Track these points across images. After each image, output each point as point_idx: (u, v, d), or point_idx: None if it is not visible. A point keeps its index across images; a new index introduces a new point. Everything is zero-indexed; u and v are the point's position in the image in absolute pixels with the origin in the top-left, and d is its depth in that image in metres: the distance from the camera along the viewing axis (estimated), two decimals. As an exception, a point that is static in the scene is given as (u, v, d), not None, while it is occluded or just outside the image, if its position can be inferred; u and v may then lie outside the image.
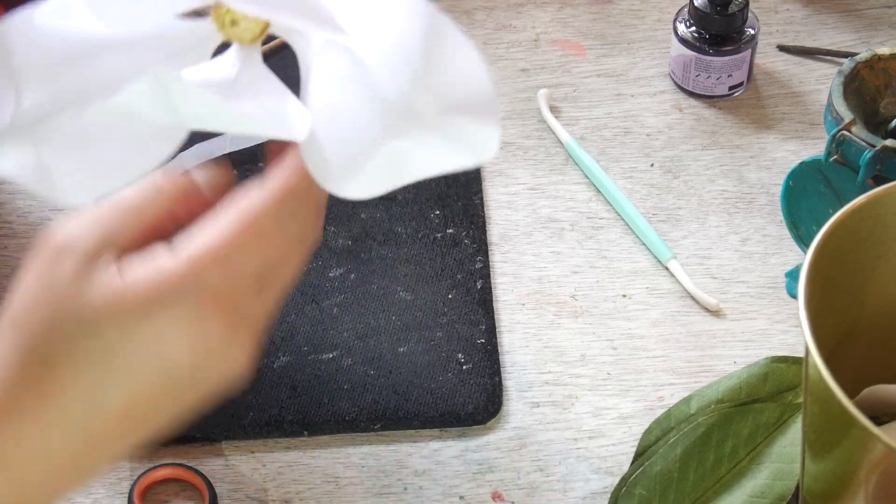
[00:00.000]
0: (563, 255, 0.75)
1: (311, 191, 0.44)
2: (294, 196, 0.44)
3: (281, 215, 0.44)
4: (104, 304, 0.42)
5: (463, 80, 0.44)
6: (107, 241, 0.44)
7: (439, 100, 0.44)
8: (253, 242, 0.43)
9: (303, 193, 0.44)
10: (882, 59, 0.67)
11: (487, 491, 0.65)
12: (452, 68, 0.44)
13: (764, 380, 0.65)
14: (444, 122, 0.44)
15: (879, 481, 0.49)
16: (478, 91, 0.44)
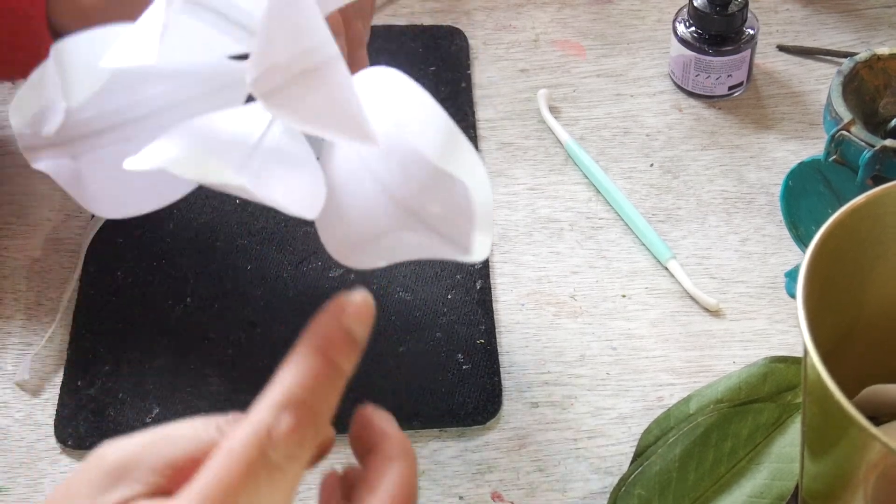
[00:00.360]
0: (563, 256, 0.75)
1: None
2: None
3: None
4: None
5: (467, 193, 0.47)
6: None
7: (444, 208, 0.47)
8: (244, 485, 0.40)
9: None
10: (881, 59, 0.67)
11: (487, 491, 0.65)
12: (460, 181, 0.47)
13: (763, 380, 0.65)
14: (445, 226, 0.47)
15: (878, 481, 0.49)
16: (479, 204, 0.47)
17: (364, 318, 0.43)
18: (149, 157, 0.46)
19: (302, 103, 0.45)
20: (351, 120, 0.45)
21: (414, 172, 0.48)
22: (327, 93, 0.46)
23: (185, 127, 0.49)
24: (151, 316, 0.72)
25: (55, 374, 0.70)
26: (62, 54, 0.50)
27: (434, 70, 0.85)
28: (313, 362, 0.42)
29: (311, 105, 0.45)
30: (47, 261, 0.75)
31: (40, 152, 0.52)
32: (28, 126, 0.51)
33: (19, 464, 0.66)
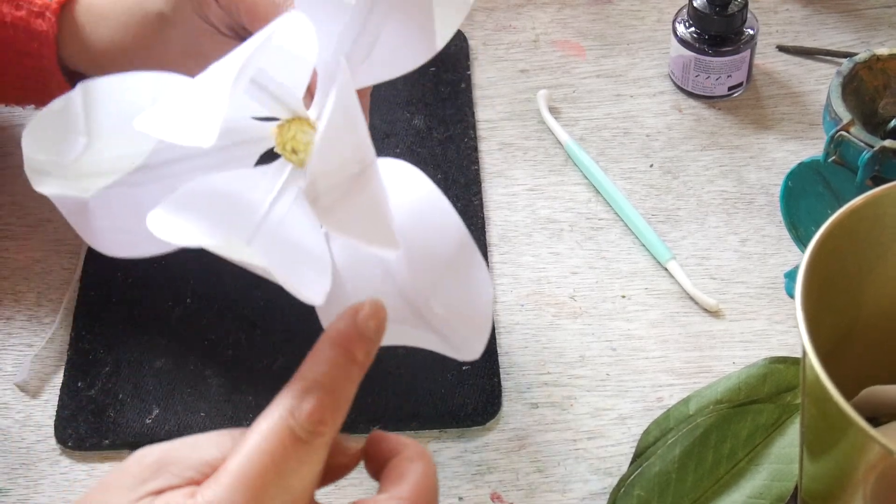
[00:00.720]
0: (563, 256, 0.75)
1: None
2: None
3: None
4: None
5: (471, 301, 0.50)
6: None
7: (448, 311, 0.50)
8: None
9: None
10: (881, 59, 0.67)
11: (486, 492, 0.65)
12: (466, 290, 0.50)
13: (763, 380, 0.65)
14: (446, 328, 0.50)
15: (877, 482, 0.49)
16: (480, 313, 0.50)
17: (376, 317, 0.47)
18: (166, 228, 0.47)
19: (345, 212, 0.46)
20: (382, 228, 0.47)
21: (424, 273, 0.50)
22: (366, 200, 0.47)
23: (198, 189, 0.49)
24: (151, 317, 0.72)
25: (55, 375, 0.70)
26: (91, 93, 0.51)
27: (434, 70, 0.85)
28: (330, 352, 0.46)
29: (352, 214, 0.47)
30: (48, 262, 0.75)
31: (48, 178, 0.53)
32: (40, 151, 0.52)
33: (19, 465, 0.66)
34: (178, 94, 0.47)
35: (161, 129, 0.46)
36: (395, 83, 0.84)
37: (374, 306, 0.47)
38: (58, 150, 0.52)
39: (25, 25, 0.67)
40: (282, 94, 0.50)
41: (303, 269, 0.49)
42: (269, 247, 0.49)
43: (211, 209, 0.49)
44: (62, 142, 0.51)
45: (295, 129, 0.50)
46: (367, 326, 0.46)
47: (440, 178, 0.78)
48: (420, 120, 0.82)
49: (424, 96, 0.83)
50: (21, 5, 0.67)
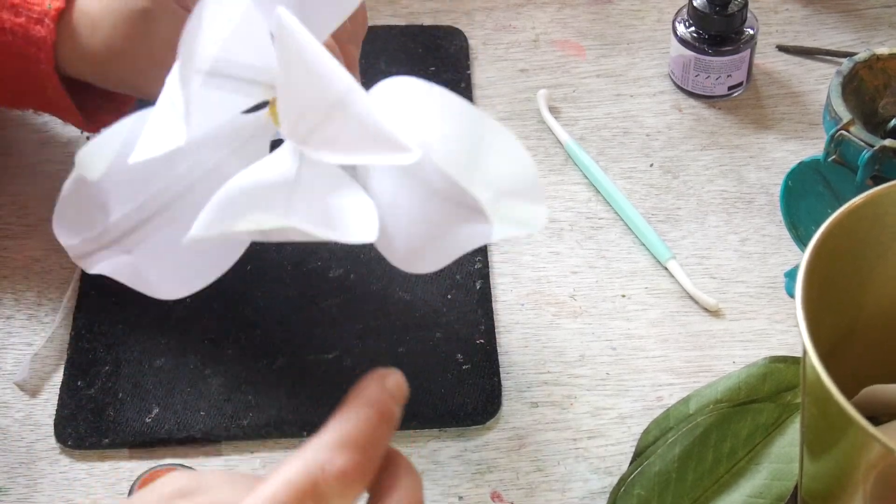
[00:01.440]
0: (563, 256, 0.75)
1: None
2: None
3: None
4: None
5: (510, 170, 0.48)
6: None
7: (490, 190, 0.48)
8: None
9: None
10: (881, 59, 0.67)
11: (486, 491, 0.65)
12: (500, 161, 0.48)
13: (763, 380, 0.65)
14: (496, 207, 0.48)
15: (877, 481, 0.49)
16: (524, 177, 0.48)
17: (402, 388, 0.45)
18: (203, 227, 0.47)
19: (337, 138, 0.46)
20: (385, 139, 0.46)
21: (452, 167, 0.48)
22: (356, 121, 0.46)
23: (225, 190, 0.49)
24: (151, 316, 0.72)
25: (55, 374, 0.70)
26: (86, 160, 0.51)
27: (434, 70, 0.85)
28: (365, 412, 0.44)
29: (346, 137, 0.46)
30: (47, 261, 0.75)
31: (93, 257, 0.53)
32: (74, 237, 0.53)
33: (19, 464, 0.66)
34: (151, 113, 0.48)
35: (142, 151, 0.46)
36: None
37: (399, 376, 0.46)
38: (88, 225, 0.53)
39: (24, 32, 0.68)
40: (255, 75, 0.50)
41: (346, 215, 0.49)
42: (306, 211, 0.49)
43: (241, 203, 0.49)
44: (88, 216, 0.52)
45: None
46: (396, 392, 0.45)
47: (440, 177, 0.78)
48: (420, 119, 0.82)
49: (424, 96, 0.83)
50: (20, 12, 0.68)
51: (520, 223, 0.49)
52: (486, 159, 0.48)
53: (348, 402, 0.44)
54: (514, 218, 0.49)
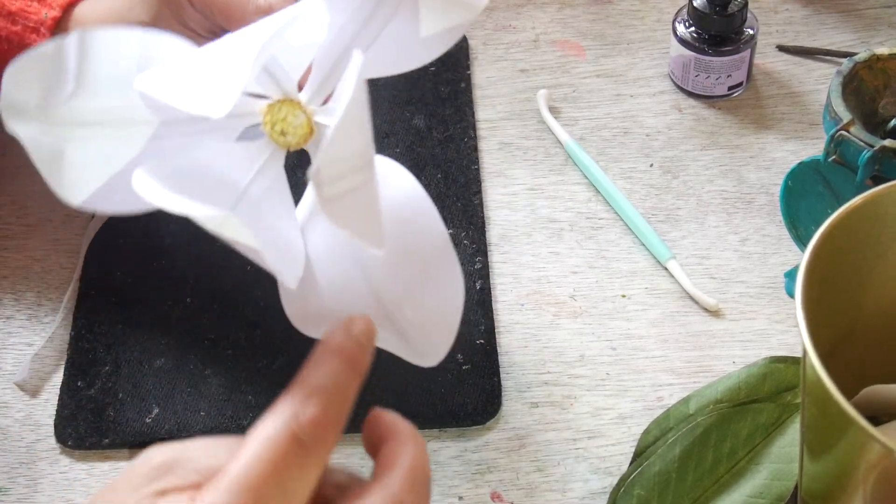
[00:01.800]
0: (563, 256, 0.75)
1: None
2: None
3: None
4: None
5: (443, 308, 0.50)
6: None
7: (417, 315, 0.50)
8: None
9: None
10: (881, 59, 0.67)
11: (486, 491, 0.65)
12: (440, 296, 0.50)
13: (763, 380, 0.65)
14: (412, 331, 0.51)
15: (877, 482, 0.49)
16: (449, 320, 0.51)
17: (370, 334, 0.47)
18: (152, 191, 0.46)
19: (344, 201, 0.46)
20: (374, 225, 0.47)
21: (401, 275, 0.50)
22: (363, 194, 0.47)
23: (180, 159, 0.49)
24: (151, 316, 0.72)
25: (55, 375, 0.70)
26: (88, 41, 0.50)
27: (434, 70, 0.85)
28: (330, 360, 0.46)
29: (349, 204, 0.46)
30: (47, 261, 0.75)
31: (24, 120, 0.51)
32: (22, 91, 0.51)
33: (19, 464, 0.66)
34: (188, 60, 0.47)
35: (169, 93, 0.45)
36: (396, 83, 0.84)
37: (368, 321, 0.47)
38: (42, 92, 0.51)
39: (20, 40, 0.68)
40: (279, 75, 0.50)
41: (280, 247, 0.49)
42: (248, 218, 0.49)
43: (191, 179, 0.49)
44: (48, 85, 0.50)
45: (286, 111, 0.50)
46: (363, 339, 0.47)
47: (440, 177, 0.78)
48: (420, 119, 0.82)
49: (424, 96, 0.83)
50: (17, 20, 0.68)
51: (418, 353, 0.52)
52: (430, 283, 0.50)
53: (314, 352, 0.46)
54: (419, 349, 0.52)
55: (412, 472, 0.46)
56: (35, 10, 0.68)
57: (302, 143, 0.50)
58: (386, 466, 0.47)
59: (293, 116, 0.50)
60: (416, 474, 0.47)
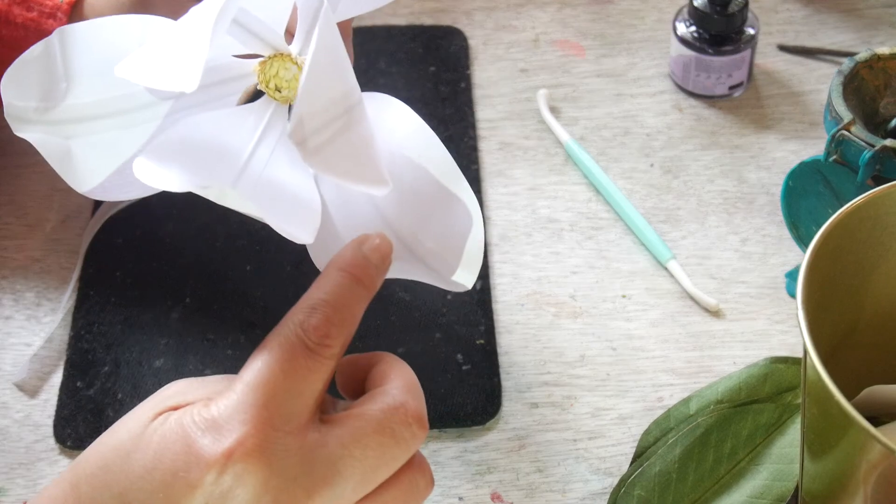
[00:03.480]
0: (563, 256, 0.75)
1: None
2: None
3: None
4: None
5: (459, 233, 0.50)
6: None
7: (437, 244, 0.50)
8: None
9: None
10: (882, 58, 0.67)
11: (486, 492, 0.65)
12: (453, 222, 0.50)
13: (763, 380, 0.64)
14: (435, 260, 0.51)
15: (878, 482, 0.49)
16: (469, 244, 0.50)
17: (381, 249, 0.48)
18: (151, 174, 0.47)
19: (335, 147, 0.46)
20: (370, 167, 0.47)
21: (412, 206, 0.49)
22: (354, 139, 0.47)
23: (181, 133, 0.49)
24: (151, 316, 0.72)
25: (54, 375, 0.70)
26: (69, 37, 0.50)
27: (434, 70, 0.85)
28: (336, 276, 0.48)
29: (343, 149, 0.46)
30: (47, 261, 0.75)
31: (29, 125, 0.52)
32: (20, 98, 0.51)
33: (18, 464, 0.66)
34: (159, 39, 0.47)
35: (143, 75, 0.45)
36: (396, 83, 0.84)
37: (381, 238, 0.49)
38: (38, 95, 0.51)
39: (37, 26, 0.68)
40: (262, 31, 0.50)
41: (291, 208, 0.49)
42: (254, 188, 0.49)
43: (195, 153, 0.49)
44: (42, 87, 0.51)
45: (277, 66, 0.50)
46: (373, 255, 0.48)
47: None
48: (420, 119, 0.82)
49: (424, 96, 0.83)
50: (32, 7, 0.68)
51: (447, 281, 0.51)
52: (441, 211, 0.50)
53: (325, 267, 0.48)
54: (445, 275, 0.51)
55: (407, 381, 0.49)
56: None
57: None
58: (380, 381, 0.49)
59: (285, 70, 0.50)
60: (410, 382, 0.49)
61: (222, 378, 0.49)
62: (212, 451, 0.44)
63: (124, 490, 0.45)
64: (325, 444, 0.46)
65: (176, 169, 0.47)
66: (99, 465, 0.46)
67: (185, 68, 0.44)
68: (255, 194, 0.49)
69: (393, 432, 0.47)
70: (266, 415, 0.45)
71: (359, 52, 0.85)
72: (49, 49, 0.51)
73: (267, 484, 0.45)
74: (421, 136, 0.50)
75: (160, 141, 0.49)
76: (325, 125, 0.45)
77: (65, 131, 0.51)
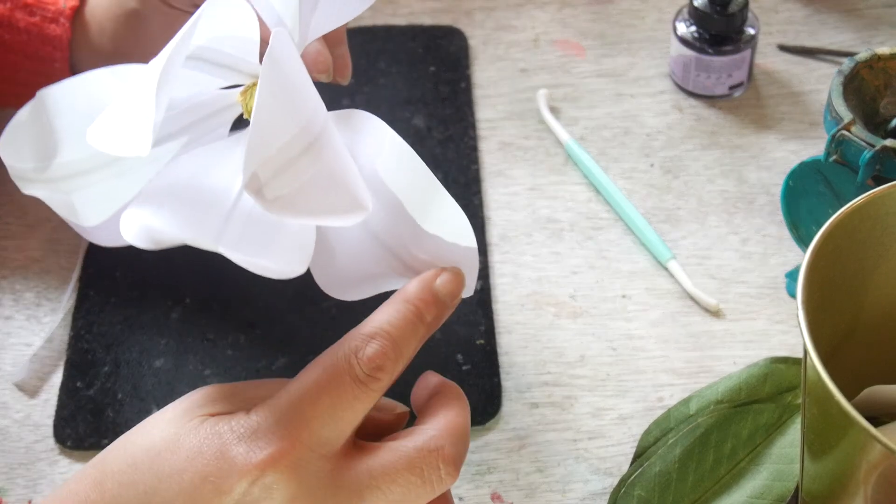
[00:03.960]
0: (563, 256, 0.75)
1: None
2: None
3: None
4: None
5: (450, 241, 0.50)
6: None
7: (430, 255, 0.50)
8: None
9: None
10: (882, 58, 0.67)
11: (487, 492, 0.65)
12: (442, 231, 0.50)
13: (763, 380, 0.64)
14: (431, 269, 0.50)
15: (878, 482, 0.49)
16: (464, 250, 0.50)
17: (453, 284, 0.49)
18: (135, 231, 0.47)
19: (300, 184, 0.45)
20: (344, 195, 0.47)
21: (399, 222, 0.49)
22: (323, 171, 0.46)
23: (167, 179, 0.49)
24: (151, 316, 0.72)
25: (54, 375, 0.70)
26: (49, 99, 0.51)
27: (434, 70, 0.85)
28: (401, 307, 0.48)
29: (310, 182, 0.46)
30: (47, 261, 0.75)
31: (30, 183, 0.53)
32: (18, 160, 0.53)
33: (18, 464, 0.66)
34: (116, 101, 0.47)
35: (102, 141, 0.46)
36: (395, 83, 0.84)
37: (454, 274, 0.49)
38: (32, 156, 0.52)
39: (39, 31, 0.68)
40: (234, 63, 0.50)
41: (283, 238, 0.49)
42: (244, 226, 0.49)
43: (181, 199, 0.49)
44: (35, 148, 0.52)
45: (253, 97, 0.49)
46: (443, 291, 0.49)
47: (440, 177, 0.78)
48: (420, 119, 0.82)
49: (424, 96, 0.83)
50: (35, 11, 0.68)
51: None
52: (428, 222, 0.50)
53: (392, 297, 0.49)
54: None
55: (453, 423, 0.49)
56: (53, 1, 0.68)
57: None
58: (429, 415, 0.50)
59: None
60: (456, 426, 0.49)
61: (256, 385, 0.49)
62: (245, 460, 0.45)
63: (151, 489, 0.46)
64: (355, 471, 0.47)
65: (161, 222, 0.48)
66: (127, 462, 0.47)
67: (135, 133, 0.44)
68: (245, 233, 0.49)
69: (422, 472, 0.47)
70: (305, 435, 0.46)
71: (359, 52, 0.85)
72: (37, 111, 0.52)
73: (293, 501, 0.45)
74: (396, 150, 0.50)
75: (145, 191, 0.49)
76: (284, 168, 0.45)
77: (63, 187, 0.53)
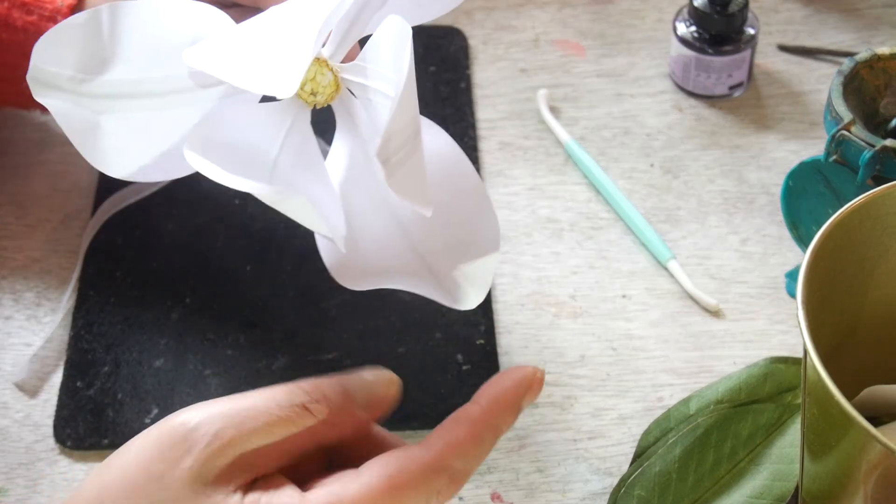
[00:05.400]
0: (563, 256, 0.75)
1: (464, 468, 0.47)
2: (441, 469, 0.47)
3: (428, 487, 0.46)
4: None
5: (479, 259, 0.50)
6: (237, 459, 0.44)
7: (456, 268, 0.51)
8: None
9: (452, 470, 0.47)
10: (882, 58, 0.67)
11: (486, 492, 0.65)
12: (476, 247, 0.50)
13: (763, 380, 0.64)
14: (450, 281, 0.51)
15: (878, 482, 0.49)
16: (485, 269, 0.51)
17: (535, 394, 0.48)
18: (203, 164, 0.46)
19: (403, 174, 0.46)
20: (425, 188, 0.47)
21: (439, 228, 0.49)
22: (417, 162, 0.47)
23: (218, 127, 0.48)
24: (151, 316, 0.72)
25: (54, 375, 0.70)
26: (120, 14, 0.49)
27: (434, 70, 0.85)
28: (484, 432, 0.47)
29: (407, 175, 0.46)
30: (47, 261, 0.75)
31: (54, 91, 0.50)
32: (52, 64, 0.50)
33: (18, 464, 0.66)
34: (241, 36, 0.46)
35: (228, 72, 0.44)
36: (395, 83, 0.84)
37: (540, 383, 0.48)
38: (75, 65, 0.49)
39: (36, 30, 0.68)
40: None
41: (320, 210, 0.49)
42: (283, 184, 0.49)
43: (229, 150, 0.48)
44: (82, 57, 0.49)
45: (314, 71, 0.49)
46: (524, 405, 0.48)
47: (440, 177, 0.78)
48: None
49: (424, 96, 0.83)
50: (32, 10, 0.68)
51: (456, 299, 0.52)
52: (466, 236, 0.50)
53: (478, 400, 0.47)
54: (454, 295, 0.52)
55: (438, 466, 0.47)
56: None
57: (329, 101, 0.50)
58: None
59: (321, 75, 0.49)
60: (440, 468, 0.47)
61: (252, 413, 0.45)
62: None
63: None
64: None
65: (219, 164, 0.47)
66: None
67: (284, 74, 0.43)
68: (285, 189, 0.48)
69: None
70: None
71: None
72: (95, 20, 0.49)
73: None
74: (453, 158, 0.50)
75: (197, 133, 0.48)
76: (401, 146, 0.45)
77: (97, 106, 0.50)
